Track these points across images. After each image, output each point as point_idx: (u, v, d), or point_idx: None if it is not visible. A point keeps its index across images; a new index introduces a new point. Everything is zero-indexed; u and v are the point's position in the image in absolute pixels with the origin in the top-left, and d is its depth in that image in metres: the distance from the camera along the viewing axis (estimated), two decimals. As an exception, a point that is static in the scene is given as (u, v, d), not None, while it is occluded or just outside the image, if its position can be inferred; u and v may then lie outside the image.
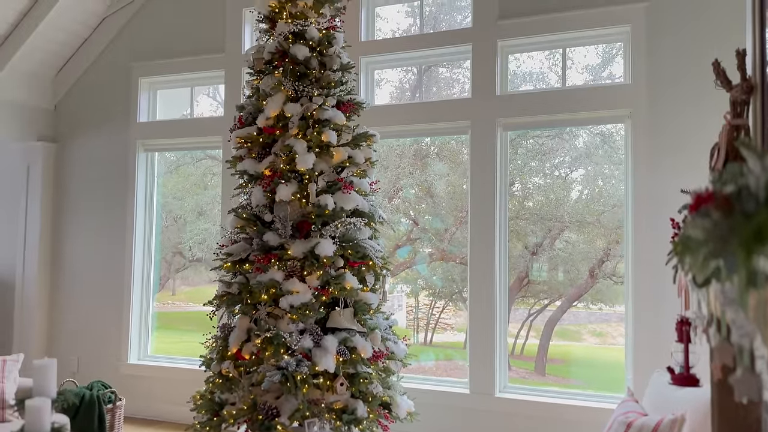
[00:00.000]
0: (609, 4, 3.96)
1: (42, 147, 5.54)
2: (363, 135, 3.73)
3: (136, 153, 5.32)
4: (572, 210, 5.38)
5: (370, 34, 4.74)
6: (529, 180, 5.59)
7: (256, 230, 3.52)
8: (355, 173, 3.70)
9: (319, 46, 3.68)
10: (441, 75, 5.37)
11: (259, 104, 3.67)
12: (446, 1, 4.87)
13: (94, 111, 5.53)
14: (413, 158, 5.83)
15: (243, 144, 3.69)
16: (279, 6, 3.73)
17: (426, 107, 4.50)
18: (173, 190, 6.17)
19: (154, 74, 5.30)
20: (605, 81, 4.55)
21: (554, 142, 5.33)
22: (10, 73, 5.21)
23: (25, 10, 4.95)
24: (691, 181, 3.53)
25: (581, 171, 5.51)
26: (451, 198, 5.79)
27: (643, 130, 3.85)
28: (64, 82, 5.64)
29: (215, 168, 5.92)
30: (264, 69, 3.73)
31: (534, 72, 4.86)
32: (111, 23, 5.42)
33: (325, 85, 3.67)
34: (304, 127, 3.54)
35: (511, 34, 4.19)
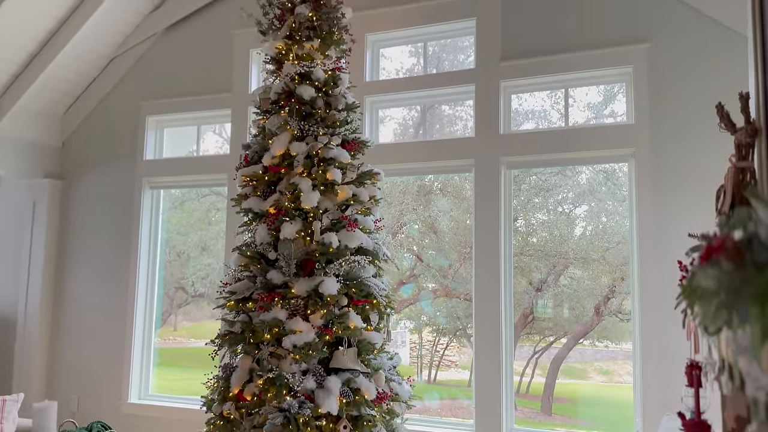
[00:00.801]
0: (610, 45, 4.02)
1: (48, 184, 5.58)
2: (367, 173, 3.75)
3: (142, 190, 5.35)
4: (576, 246, 5.37)
5: (375, 75, 4.81)
6: (532, 216, 5.59)
7: (259, 268, 3.51)
8: (360, 211, 3.71)
9: (325, 87, 3.74)
10: (444, 112, 5.43)
11: (265, 143, 3.71)
12: (449, 41, 4.95)
13: (101, 148, 5.59)
14: (417, 194, 5.85)
15: (248, 182, 3.71)
16: (286, 48, 3.81)
17: (430, 146, 4.53)
18: (177, 226, 6.18)
19: (161, 113, 5.38)
20: (607, 119, 4.59)
21: (557, 179, 5.35)
22: (19, 112, 5.29)
23: (35, 52, 5.05)
24: (697, 221, 3.53)
25: (585, 207, 5.52)
26: (455, 233, 5.79)
27: (647, 170, 3.86)
28: (72, 120, 5.72)
29: (219, 203, 5.95)
30: (270, 109, 3.78)
31: (536, 110, 4.92)
32: (119, 63, 5.53)
33: (330, 124, 3.71)
34: (309, 165, 3.56)
35: (513, 74, 4.25)
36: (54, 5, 4.82)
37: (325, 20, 3.80)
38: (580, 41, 4.10)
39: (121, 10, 5.15)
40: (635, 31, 3.97)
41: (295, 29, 3.79)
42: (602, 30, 4.06)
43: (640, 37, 3.95)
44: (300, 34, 3.78)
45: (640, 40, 3.95)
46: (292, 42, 3.81)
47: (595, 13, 4.09)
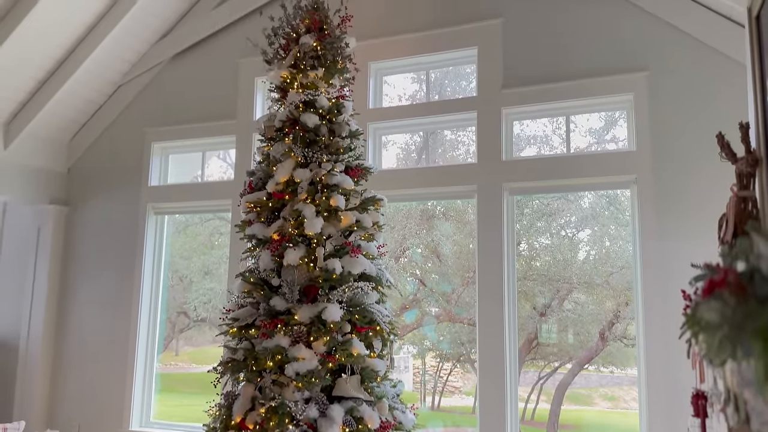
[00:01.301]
0: (611, 73, 4.06)
1: (53, 210, 5.61)
2: (371, 199, 3.77)
3: (146, 216, 5.38)
4: (580, 271, 5.36)
5: (378, 102, 4.87)
6: (535, 240, 5.59)
7: (263, 295, 3.51)
8: (363, 237, 3.72)
9: (329, 114, 3.78)
10: (446, 137, 5.48)
11: (269, 170, 3.74)
12: (451, 69, 5.02)
13: (107, 174, 5.64)
14: (420, 218, 5.87)
15: (252, 209, 3.73)
16: (290, 77, 3.86)
17: (433, 172, 4.56)
18: (180, 250, 6.20)
19: (166, 139, 5.43)
20: (609, 144, 4.62)
21: (560, 203, 5.37)
22: (26, 138, 5.35)
23: (43, 79, 5.13)
24: (700, 248, 3.54)
25: (588, 231, 5.53)
26: (458, 258, 5.78)
27: (649, 196, 3.87)
28: (78, 146, 5.78)
29: (223, 228, 5.97)
30: (275, 136, 3.82)
31: (538, 135, 4.96)
32: (126, 90, 5.60)
33: (333, 151, 3.74)
34: (313, 192, 3.58)
35: (514, 102, 4.29)
36: (63, 34, 4.90)
37: (329, 49, 3.86)
38: (580, 69, 4.15)
39: (128, 39, 5.24)
40: (635, 59, 4.02)
41: (300, 58, 3.85)
42: (603, 58, 4.11)
43: (640, 65, 4.00)
44: (304, 63, 3.84)
45: (640, 68, 3.99)
46: (296, 71, 3.86)
47: (595, 42, 4.15)
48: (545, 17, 4.31)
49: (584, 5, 4.21)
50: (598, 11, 4.17)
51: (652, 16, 4.00)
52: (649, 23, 4.01)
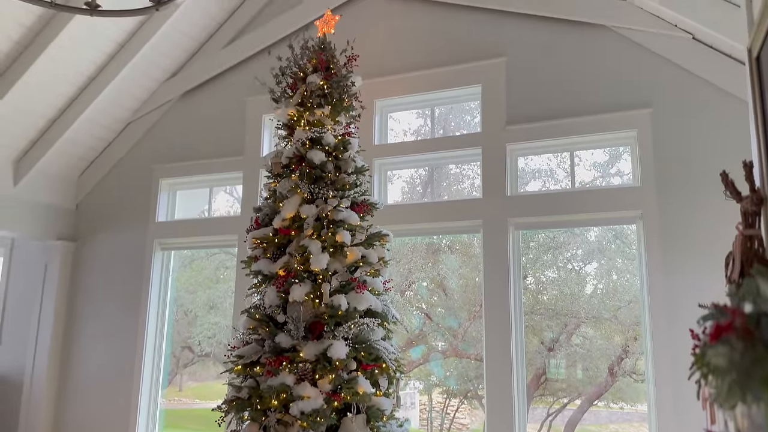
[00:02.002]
0: (614, 110, 4.10)
1: (61, 246, 5.65)
2: (376, 235, 3.78)
3: (153, 252, 5.40)
4: (588, 305, 5.31)
5: (384, 138, 4.92)
6: (542, 273, 5.56)
7: (268, 331, 3.50)
8: (369, 273, 3.72)
9: (335, 151, 3.82)
10: (451, 170, 5.51)
11: (275, 206, 3.77)
12: (455, 105, 5.08)
13: (115, 210, 5.69)
14: (425, 251, 5.86)
15: (259, 244, 3.75)
16: (298, 114, 3.92)
17: (438, 207, 4.58)
18: (186, 284, 6.20)
19: (174, 176, 5.49)
20: (613, 177, 4.63)
21: (566, 236, 5.35)
22: (35, 176, 5.42)
23: (54, 117, 5.22)
24: (707, 284, 3.52)
25: (594, 264, 5.50)
26: (464, 291, 5.75)
27: (655, 231, 3.87)
28: (87, 183, 5.84)
29: (228, 261, 5.98)
30: (281, 173, 3.86)
31: (542, 168, 4.98)
32: (135, 128, 5.69)
33: (339, 187, 3.77)
34: (319, 227, 3.60)
35: (519, 138, 4.33)
36: (74, 73, 5.01)
37: (335, 88, 3.92)
38: (583, 106, 4.20)
39: (138, 78, 5.35)
40: (638, 96, 4.07)
41: (307, 97, 3.91)
42: (605, 95, 4.16)
43: (643, 101, 4.04)
44: (311, 101, 3.90)
45: (643, 104, 4.04)
46: (303, 109, 3.92)
47: (597, 79, 4.21)
48: (547, 55, 4.38)
49: (586, 44, 4.28)
50: (600, 49, 4.23)
51: (653, 53, 4.07)
52: (651, 61, 4.07)
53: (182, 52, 5.42)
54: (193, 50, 5.47)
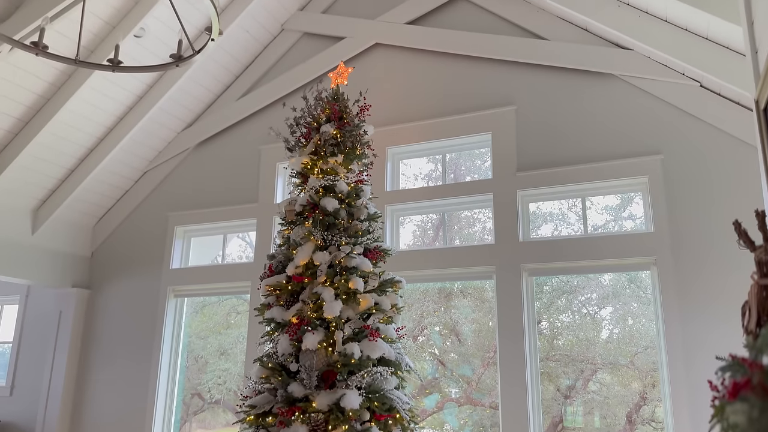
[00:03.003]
0: (625, 156, 4.14)
1: (76, 293, 5.69)
2: (389, 281, 3.79)
3: (167, 299, 5.42)
4: (604, 350, 5.23)
5: (396, 184, 4.97)
6: (556, 318, 5.49)
7: (280, 380, 3.47)
8: (382, 320, 3.71)
9: (348, 198, 3.87)
10: (462, 214, 5.53)
11: (289, 253, 3.79)
12: (466, 152, 5.14)
13: (129, 258, 5.74)
14: (437, 296, 5.83)
15: (272, 292, 3.76)
16: (311, 163, 3.99)
17: (451, 252, 4.58)
18: (197, 330, 6.18)
19: (189, 223, 5.56)
20: (626, 221, 4.62)
21: (580, 280, 5.31)
22: (53, 224, 5.50)
23: (73, 167, 5.34)
24: (724, 332, 3.47)
25: (609, 309, 5.43)
26: (477, 336, 5.68)
27: (670, 278, 3.84)
28: (102, 231, 5.92)
29: (240, 306, 5.97)
30: (295, 220, 3.90)
31: (554, 212, 4.99)
32: (151, 176, 5.80)
33: (352, 234, 3.80)
34: (332, 274, 3.61)
35: (530, 184, 4.37)
36: (93, 124, 5.15)
37: (348, 137, 4.00)
38: (594, 153, 4.24)
39: (156, 128, 5.48)
40: (648, 142, 4.10)
41: (321, 146, 3.99)
42: (615, 142, 4.20)
43: (653, 148, 4.08)
44: (325, 150, 3.97)
45: (653, 151, 4.07)
46: (317, 157, 3.99)
47: (607, 126, 4.25)
48: (557, 103, 4.45)
49: (594, 92, 4.35)
50: (609, 97, 4.30)
51: (662, 101, 4.12)
52: (660, 108, 4.12)
53: (198, 103, 5.56)
54: (209, 101, 5.62)
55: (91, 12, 4.42)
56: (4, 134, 4.81)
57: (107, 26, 4.62)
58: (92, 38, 4.62)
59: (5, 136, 4.83)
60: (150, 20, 4.65)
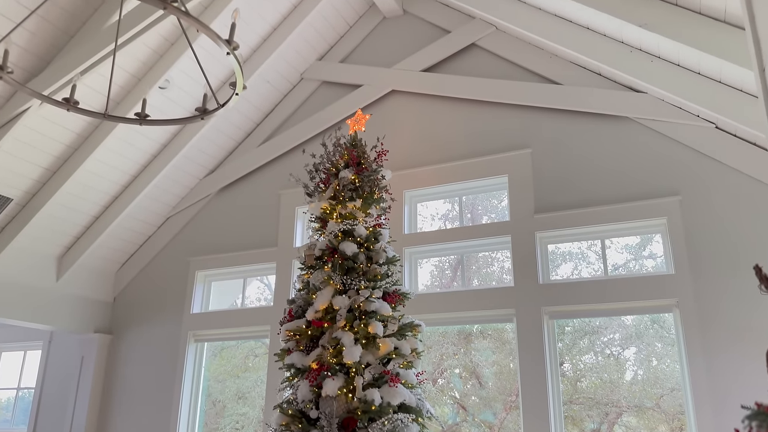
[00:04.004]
0: (643, 198, 4.14)
1: (98, 338, 5.75)
2: (409, 325, 3.79)
3: (187, 344, 5.45)
4: (628, 393, 5.11)
5: (413, 227, 5.01)
6: (579, 360, 5.40)
7: (300, 428, 3.45)
8: (402, 365, 3.69)
9: (366, 242, 3.91)
10: (479, 253, 5.53)
11: (309, 298, 3.82)
12: (482, 193, 5.17)
13: (150, 303, 5.81)
14: (457, 337, 5.77)
15: (292, 337, 3.77)
16: (330, 208, 4.05)
17: (470, 295, 4.57)
18: (215, 373, 6.17)
19: (209, 267, 5.62)
20: (646, 259, 4.59)
21: (602, 320, 5.24)
22: (76, 270, 5.61)
23: (98, 214, 5.46)
24: (750, 375, 3.40)
25: (633, 349, 5.33)
26: (498, 378, 5.60)
27: (693, 320, 3.80)
28: (124, 276, 6.01)
29: (258, 349, 5.97)
30: (315, 264, 3.94)
31: (573, 252, 4.97)
32: (173, 222, 5.90)
33: (371, 278, 3.82)
34: (352, 319, 3.62)
35: (548, 226, 4.38)
36: (119, 172, 5.29)
37: (366, 182, 4.07)
38: (611, 194, 4.25)
39: (179, 175, 5.62)
40: (666, 183, 4.11)
41: (339, 191, 4.06)
42: (632, 183, 4.21)
43: (671, 189, 4.08)
44: (343, 195, 4.04)
45: (671, 192, 4.07)
46: (336, 202, 4.06)
47: (624, 168, 4.27)
48: (572, 146, 4.49)
49: (609, 134, 4.39)
50: (624, 139, 4.33)
51: (677, 142, 4.14)
52: (676, 149, 4.14)
53: (220, 150, 5.70)
54: (231, 148, 5.76)
55: (118, 66, 4.60)
56: (32, 184, 4.96)
57: (133, 78, 4.80)
58: (119, 90, 4.79)
59: (33, 185, 4.98)
60: (174, 72, 4.82)
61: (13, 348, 6.64)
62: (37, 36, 4.27)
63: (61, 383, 5.87)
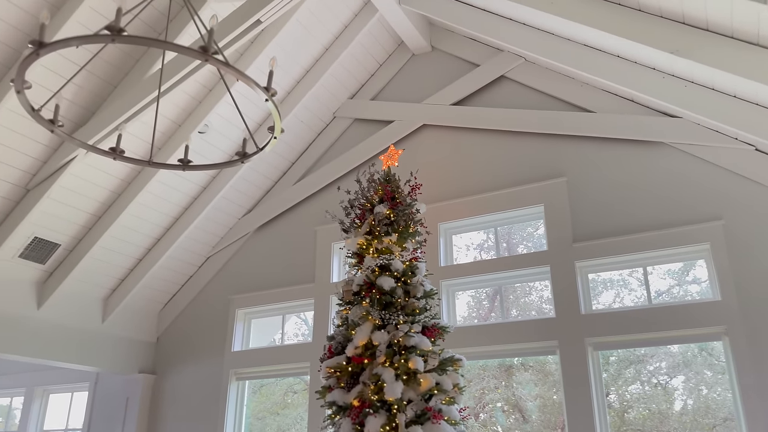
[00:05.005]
0: (684, 223, 4.07)
1: (142, 379, 5.85)
2: (449, 359, 3.75)
3: (229, 383, 5.50)
4: (679, 424, 4.93)
5: (449, 260, 5.00)
6: (625, 390, 5.24)
7: (345, 466, 3.43)
8: (444, 401, 3.65)
9: (404, 277, 3.92)
10: (518, 284, 5.46)
11: (348, 334, 3.83)
12: (518, 223, 5.14)
13: (192, 342, 5.89)
14: (497, 370, 5.67)
15: (333, 373, 3.78)
16: (366, 243, 4.09)
17: (510, 327, 4.52)
18: (255, 411, 6.18)
19: (249, 305, 5.70)
20: (690, 284, 4.47)
21: (647, 349, 5.10)
22: (121, 312, 5.75)
23: (141, 257, 5.61)
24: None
25: (681, 378, 5.16)
26: (542, 412, 5.46)
27: (744, 347, 3.67)
28: (167, 316, 6.13)
29: (296, 386, 5.96)
30: (353, 300, 3.96)
31: (614, 279, 4.87)
32: (213, 261, 6.02)
33: (410, 312, 3.82)
34: (391, 354, 3.61)
35: (587, 255, 4.32)
36: (161, 216, 5.45)
37: (401, 216, 4.10)
38: (652, 221, 4.18)
39: (218, 216, 5.76)
40: (708, 208, 4.03)
41: (375, 226, 4.10)
42: (673, 209, 4.14)
43: (713, 214, 4.00)
44: (379, 230, 4.08)
45: (713, 217, 3.99)
46: (372, 237, 4.09)
47: (663, 193, 4.21)
48: (609, 173, 4.45)
49: (646, 160, 4.35)
50: (662, 164, 4.28)
51: (717, 166, 4.07)
52: (716, 173, 4.07)
53: (257, 189, 5.83)
54: (267, 187, 5.89)
55: (159, 113, 4.79)
56: (79, 229, 5.14)
57: (173, 125, 4.98)
58: (160, 137, 4.97)
59: (80, 230, 5.16)
60: (212, 116, 4.99)
61: (60, 390, 6.79)
62: (83, 89, 4.48)
63: (107, 423, 5.95)
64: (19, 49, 4.06)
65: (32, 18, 4.00)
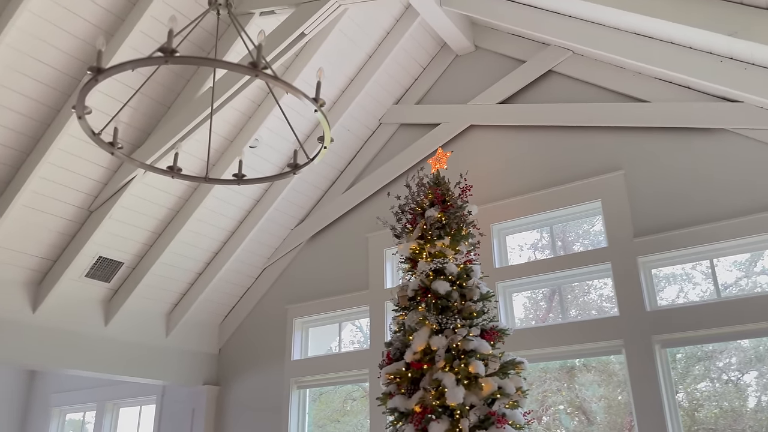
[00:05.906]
0: (752, 212, 3.88)
1: (206, 390, 5.99)
2: (510, 363, 3.69)
3: (290, 391, 5.57)
4: (754, 421, 4.69)
5: (503, 261, 4.92)
6: (695, 388, 5.04)
7: (410, 473, 3.41)
8: (507, 405, 3.58)
9: (459, 280, 3.88)
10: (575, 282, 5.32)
11: (405, 339, 3.81)
12: (573, 220, 5.01)
13: (254, 352, 6.01)
14: (559, 372, 5.54)
15: (393, 380, 3.77)
16: (419, 248, 4.07)
17: (572, 328, 4.40)
18: (315, 419, 6.23)
19: (306, 314, 5.76)
20: (759, 276, 4.25)
21: (715, 344, 4.88)
22: (184, 326, 5.92)
23: (200, 271, 5.77)
24: None
25: (754, 373, 4.91)
26: (607, 413, 5.30)
27: (828, 339, 3.46)
28: (228, 328, 6.27)
29: (355, 393, 5.98)
30: (408, 305, 3.94)
31: (677, 273, 4.69)
32: (269, 272, 6.13)
33: (467, 315, 3.77)
34: (451, 359, 3.58)
35: (650, 250, 4.17)
36: (218, 230, 5.59)
37: (453, 219, 4.06)
38: (717, 211, 4.01)
39: (272, 228, 5.87)
40: (776, 194, 3.84)
41: (427, 230, 4.07)
42: (739, 197, 3.95)
43: (783, 200, 3.81)
44: (431, 233, 4.05)
45: (783, 203, 3.79)
46: (424, 241, 4.07)
47: (726, 182, 4.03)
48: (667, 163, 4.29)
49: (707, 148, 4.17)
50: (723, 152, 4.10)
51: (783, 149, 3.88)
52: (783, 157, 3.87)
53: (308, 200, 5.91)
54: (318, 197, 5.96)
55: (212, 130, 4.91)
56: (140, 247, 5.32)
57: (225, 141, 5.11)
58: (213, 153, 5.10)
59: (141, 248, 5.34)
60: (262, 130, 5.09)
61: (129, 403, 7.03)
62: (138, 111, 4.65)
63: (174, 436, 6.12)
64: (74, 76, 4.24)
65: (85, 44, 4.15)
